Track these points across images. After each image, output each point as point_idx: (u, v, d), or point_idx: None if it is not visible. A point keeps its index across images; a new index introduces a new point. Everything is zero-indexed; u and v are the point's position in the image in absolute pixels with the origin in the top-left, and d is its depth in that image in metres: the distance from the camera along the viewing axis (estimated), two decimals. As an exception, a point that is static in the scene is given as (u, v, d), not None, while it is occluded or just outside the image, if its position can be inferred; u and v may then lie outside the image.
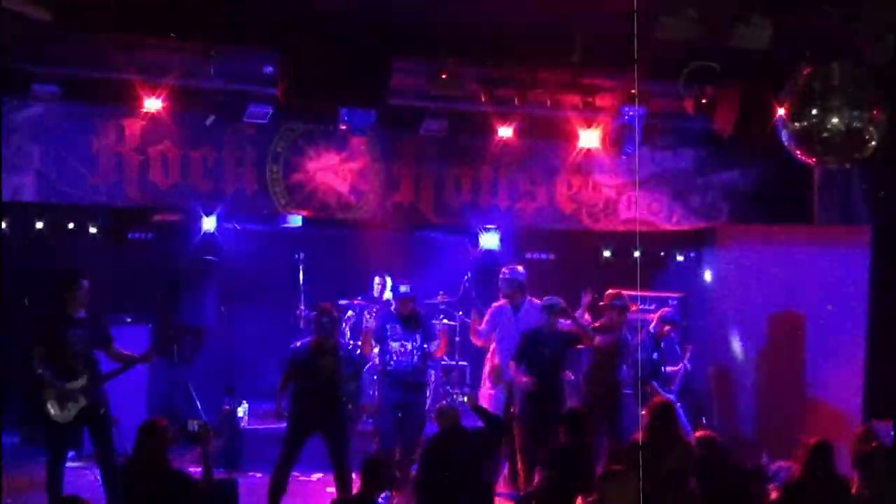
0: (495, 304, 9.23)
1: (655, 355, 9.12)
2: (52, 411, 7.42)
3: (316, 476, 8.98)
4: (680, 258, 11.58)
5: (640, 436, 6.89)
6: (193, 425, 6.69)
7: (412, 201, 10.46)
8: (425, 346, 8.53)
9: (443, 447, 7.11)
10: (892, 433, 8.82)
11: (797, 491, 6.38)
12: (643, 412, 7.30)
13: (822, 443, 6.53)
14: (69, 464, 7.80)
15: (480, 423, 7.62)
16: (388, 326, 8.52)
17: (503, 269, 9.25)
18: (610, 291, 9.16)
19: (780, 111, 7.47)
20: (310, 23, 7.66)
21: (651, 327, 9.26)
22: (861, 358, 9.49)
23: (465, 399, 8.18)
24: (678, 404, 8.83)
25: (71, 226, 9.99)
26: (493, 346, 9.13)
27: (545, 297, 8.73)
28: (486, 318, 9.18)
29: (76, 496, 5.67)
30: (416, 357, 8.48)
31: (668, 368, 9.49)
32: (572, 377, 10.60)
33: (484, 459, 7.24)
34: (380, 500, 7.65)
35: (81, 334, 7.58)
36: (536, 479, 7.33)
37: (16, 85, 8.69)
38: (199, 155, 9.67)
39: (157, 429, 6.23)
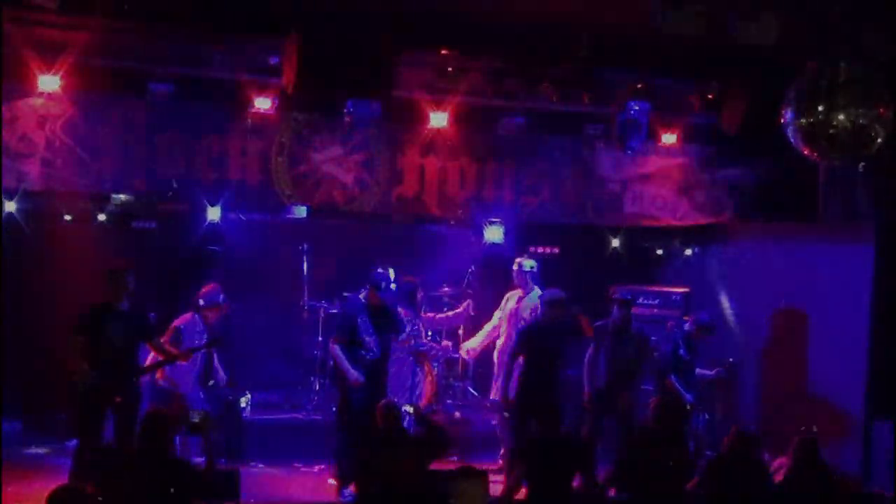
0: (510, 293, 9.60)
1: (682, 351, 9.08)
2: (84, 401, 7.42)
3: (318, 467, 9.00)
4: (685, 253, 11.58)
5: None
6: (195, 415, 6.71)
7: (416, 194, 10.43)
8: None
9: (379, 446, 7.03)
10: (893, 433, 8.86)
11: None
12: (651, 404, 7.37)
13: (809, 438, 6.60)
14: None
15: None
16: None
17: (516, 261, 9.65)
18: (614, 287, 9.21)
19: (787, 108, 7.45)
20: (316, 14, 7.65)
21: (686, 326, 9.26)
22: (863, 356, 9.48)
23: (411, 410, 8.12)
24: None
25: (74, 215, 9.99)
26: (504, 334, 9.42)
27: (546, 290, 8.80)
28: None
29: (76, 487, 5.67)
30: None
31: (699, 371, 9.41)
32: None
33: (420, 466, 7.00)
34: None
35: (123, 326, 7.55)
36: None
37: (19, 73, 8.65)
38: (203, 145, 9.65)
39: (160, 419, 6.23)
